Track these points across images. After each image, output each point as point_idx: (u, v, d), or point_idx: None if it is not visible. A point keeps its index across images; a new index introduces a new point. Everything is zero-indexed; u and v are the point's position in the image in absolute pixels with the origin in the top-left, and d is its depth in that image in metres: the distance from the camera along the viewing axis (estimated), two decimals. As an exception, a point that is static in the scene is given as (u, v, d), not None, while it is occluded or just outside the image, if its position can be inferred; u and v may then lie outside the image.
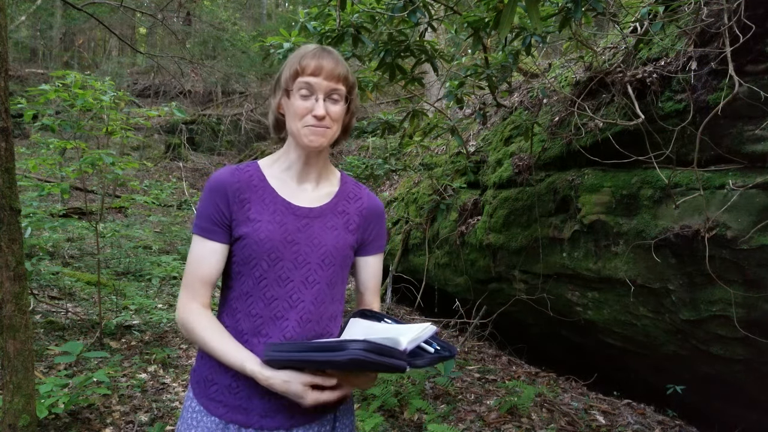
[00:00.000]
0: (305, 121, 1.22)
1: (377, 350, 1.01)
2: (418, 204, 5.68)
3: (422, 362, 1.12)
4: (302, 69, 1.22)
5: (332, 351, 1.03)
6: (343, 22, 3.19)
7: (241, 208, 1.25)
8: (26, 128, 11.73)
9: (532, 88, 4.39)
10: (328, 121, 1.23)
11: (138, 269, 6.28)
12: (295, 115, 1.23)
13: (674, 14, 2.77)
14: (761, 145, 2.36)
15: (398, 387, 3.40)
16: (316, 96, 1.22)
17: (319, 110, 1.21)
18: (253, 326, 1.23)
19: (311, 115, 1.22)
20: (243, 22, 17.11)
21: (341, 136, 1.33)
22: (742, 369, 2.63)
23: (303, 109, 1.22)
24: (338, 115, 1.25)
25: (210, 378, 1.25)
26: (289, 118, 1.26)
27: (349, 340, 1.04)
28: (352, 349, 1.00)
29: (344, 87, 1.25)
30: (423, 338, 1.15)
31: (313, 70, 1.22)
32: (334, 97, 1.24)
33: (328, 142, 1.26)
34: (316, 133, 1.22)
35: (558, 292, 3.56)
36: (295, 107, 1.23)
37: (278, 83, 1.29)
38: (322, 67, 1.22)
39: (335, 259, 1.28)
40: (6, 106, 2.18)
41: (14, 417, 2.24)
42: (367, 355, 1.00)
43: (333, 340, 1.11)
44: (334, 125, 1.25)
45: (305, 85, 1.22)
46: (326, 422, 1.29)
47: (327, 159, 1.36)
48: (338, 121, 1.26)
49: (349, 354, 1.00)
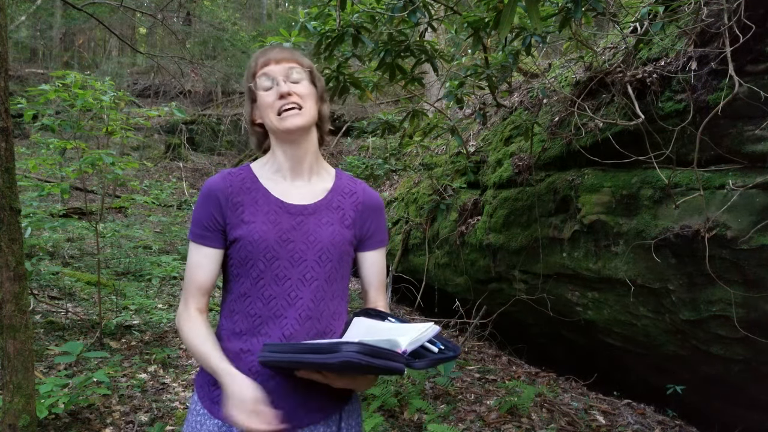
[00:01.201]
0: (275, 106, 1.25)
1: (371, 352, 1.00)
2: (418, 204, 5.68)
3: (422, 364, 1.11)
4: (256, 66, 1.29)
5: (325, 353, 1.03)
6: (343, 22, 3.19)
7: (234, 211, 1.26)
8: (26, 128, 11.72)
9: (532, 88, 4.39)
10: (296, 98, 1.25)
11: (138, 269, 6.28)
12: (265, 108, 1.27)
13: (674, 14, 2.76)
14: (761, 145, 2.36)
15: (398, 387, 3.40)
16: (276, 81, 1.26)
17: (283, 87, 1.25)
18: (252, 326, 1.23)
19: (278, 99, 1.25)
20: (243, 22, 17.11)
21: (322, 123, 1.34)
22: (742, 369, 2.63)
23: (270, 98, 1.26)
24: (304, 91, 1.27)
25: (213, 381, 1.25)
26: (264, 117, 1.29)
27: (343, 342, 1.04)
28: (345, 351, 0.99)
29: (299, 66, 1.29)
30: (425, 339, 1.14)
31: (265, 61, 1.29)
32: (294, 76, 1.27)
33: (307, 121, 1.27)
34: (290, 114, 1.25)
35: (558, 292, 3.56)
36: (262, 100, 1.27)
37: (246, 95, 1.34)
38: (272, 56, 1.29)
39: (332, 255, 1.28)
40: (6, 106, 2.18)
41: (14, 417, 2.24)
42: (360, 357, 0.99)
43: (327, 342, 1.11)
44: (306, 102, 1.27)
45: (264, 77, 1.27)
46: (332, 423, 1.28)
47: (318, 154, 1.36)
48: (308, 98, 1.28)
49: (342, 356, 0.99)
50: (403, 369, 1.05)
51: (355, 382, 1.19)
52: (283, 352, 1.12)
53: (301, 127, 1.26)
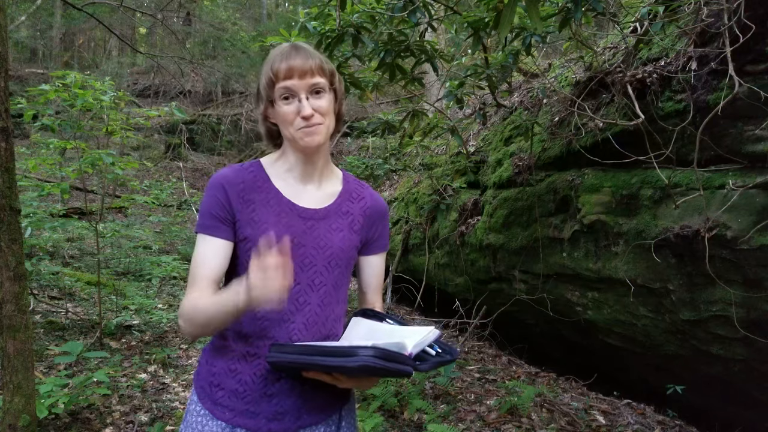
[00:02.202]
0: (296, 124, 1.21)
1: (386, 356, 1.03)
2: (418, 204, 5.68)
3: (426, 366, 1.13)
4: (276, 75, 1.20)
5: (342, 356, 1.05)
6: (343, 22, 3.19)
7: (246, 208, 1.24)
8: (26, 128, 11.72)
9: (532, 88, 4.39)
10: (318, 117, 1.21)
11: (138, 269, 6.29)
12: (284, 121, 1.22)
13: (674, 14, 2.76)
14: (761, 145, 2.36)
15: (398, 387, 3.40)
16: (299, 97, 1.20)
17: (306, 110, 1.19)
18: (258, 329, 1.22)
19: (300, 117, 1.20)
20: (243, 22, 17.09)
21: (336, 125, 1.31)
22: (742, 369, 2.63)
23: (290, 114, 1.21)
24: (326, 108, 1.23)
25: (216, 383, 1.25)
26: (281, 125, 1.25)
27: (358, 346, 1.05)
28: (362, 355, 1.02)
29: (323, 78, 1.22)
30: (427, 342, 1.16)
31: (286, 73, 1.19)
32: (317, 90, 1.22)
33: (326, 138, 1.25)
34: (310, 134, 1.21)
35: (558, 292, 3.56)
36: (282, 114, 1.22)
37: (259, 94, 1.27)
38: (293, 67, 1.19)
39: (341, 261, 1.28)
40: (6, 106, 2.18)
41: (14, 417, 2.24)
42: (376, 361, 1.01)
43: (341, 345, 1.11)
44: (326, 119, 1.24)
45: (284, 90, 1.20)
46: (332, 423, 1.29)
47: (328, 157, 1.35)
48: (328, 114, 1.24)
49: (360, 360, 1.01)
50: (412, 372, 1.07)
51: (360, 382, 1.19)
52: (294, 353, 1.12)
53: (320, 144, 1.24)
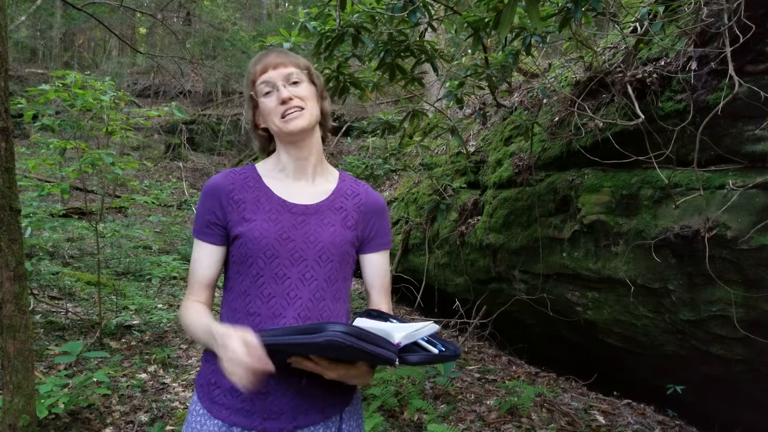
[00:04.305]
0: (278, 111, 1.27)
1: (357, 335, 0.96)
2: (418, 204, 5.68)
3: (415, 358, 1.08)
4: (255, 74, 1.30)
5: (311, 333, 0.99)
6: (343, 22, 3.19)
7: (236, 208, 1.27)
8: (26, 128, 11.73)
9: (532, 88, 4.39)
10: (298, 101, 1.27)
11: (138, 269, 6.29)
12: (269, 114, 1.29)
13: (674, 14, 2.76)
14: (761, 145, 2.36)
15: (398, 387, 3.40)
16: (277, 86, 1.28)
17: (284, 93, 1.26)
18: (252, 324, 1.22)
19: (279, 103, 1.27)
20: (243, 22, 17.11)
21: (324, 120, 1.36)
22: (742, 369, 2.63)
23: (272, 104, 1.28)
24: (305, 94, 1.29)
25: (213, 381, 1.26)
26: (267, 122, 1.31)
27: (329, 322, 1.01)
28: (330, 330, 0.95)
29: (297, 69, 1.30)
30: (421, 335, 1.12)
31: (263, 68, 1.29)
32: (293, 80, 1.29)
33: (309, 122, 1.28)
34: (293, 117, 1.26)
35: (558, 292, 3.56)
36: (265, 106, 1.29)
37: (246, 102, 1.35)
38: (268, 63, 1.29)
39: (333, 256, 1.28)
40: (6, 106, 2.18)
41: (14, 417, 2.24)
42: (345, 337, 0.95)
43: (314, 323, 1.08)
44: (307, 103, 1.29)
45: (263, 84, 1.29)
46: (332, 424, 1.27)
47: (321, 156, 1.38)
48: (309, 99, 1.30)
49: (326, 335, 0.95)
50: (394, 358, 1.02)
51: (348, 373, 1.15)
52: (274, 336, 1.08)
53: (304, 128, 1.27)
